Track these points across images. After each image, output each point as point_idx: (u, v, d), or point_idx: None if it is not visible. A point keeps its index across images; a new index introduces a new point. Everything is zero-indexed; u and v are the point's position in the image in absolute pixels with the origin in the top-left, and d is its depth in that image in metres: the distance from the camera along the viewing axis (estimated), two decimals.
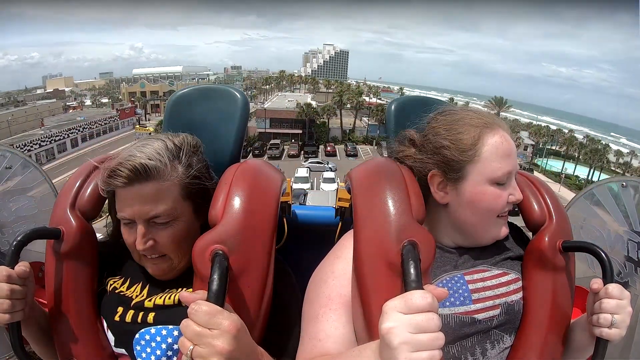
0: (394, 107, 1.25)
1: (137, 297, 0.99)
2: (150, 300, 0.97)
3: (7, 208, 1.32)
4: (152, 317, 0.95)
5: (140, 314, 0.96)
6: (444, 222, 1.01)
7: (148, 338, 0.94)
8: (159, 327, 0.94)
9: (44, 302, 0.99)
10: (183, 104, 1.26)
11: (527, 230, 1.04)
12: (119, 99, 62.05)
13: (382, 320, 0.67)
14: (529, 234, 1.02)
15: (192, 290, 0.87)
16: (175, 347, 0.92)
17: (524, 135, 46.09)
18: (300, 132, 45.41)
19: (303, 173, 29.01)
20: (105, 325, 0.99)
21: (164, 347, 0.93)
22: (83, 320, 0.97)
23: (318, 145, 43.97)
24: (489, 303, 0.92)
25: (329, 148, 41.98)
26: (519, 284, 0.97)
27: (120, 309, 0.97)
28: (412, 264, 0.73)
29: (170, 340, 0.93)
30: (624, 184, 1.24)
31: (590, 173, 39.12)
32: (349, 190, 1.05)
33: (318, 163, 35.01)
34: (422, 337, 0.63)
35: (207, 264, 0.81)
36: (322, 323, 0.90)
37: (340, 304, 0.91)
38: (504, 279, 0.96)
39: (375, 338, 0.73)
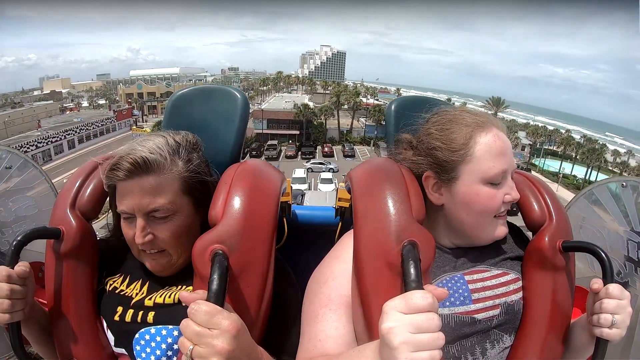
0: (394, 107, 1.25)
1: (137, 295, 0.99)
2: (151, 299, 0.97)
3: (7, 208, 1.32)
4: (151, 316, 0.95)
5: (140, 314, 0.96)
6: (442, 223, 1.01)
7: (148, 338, 0.94)
8: (159, 327, 0.94)
9: (44, 302, 0.99)
10: (183, 104, 1.26)
11: (526, 231, 1.04)
12: (116, 101, 62.09)
13: (382, 320, 0.67)
14: (529, 234, 1.02)
15: (192, 290, 0.87)
16: (175, 347, 0.92)
17: (522, 136, 46.24)
18: (298, 133, 45.29)
19: (300, 174, 29.01)
20: (105, 325, 0.99)
21: (164, 347, 0.93)
22: (83, 320, 0.97)
23: (315, 146, 43.90)
24: (489, 303, 0.93)
25: (327, 149, 41.88)
26: (519, 284, 0.97)
27: (120, 309, 0.97)
28: (412, 264, 0.73)
29: (170, 340, 0.93)
30: (624, 184, 1.24)
31: (588, 173, 39.24)
32: (349, 190, 1.05)
33: (320, 164, 34.99)
34: (422, 337, 0.63)
35: (207, 264, 0.81)
36: (322, 323, 0.90)
37: (340, 305, 0.91)
38: (504, 279, 0.96)
39: (375, 338, 0.73)
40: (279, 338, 0.95)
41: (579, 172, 41.13)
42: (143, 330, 0.94)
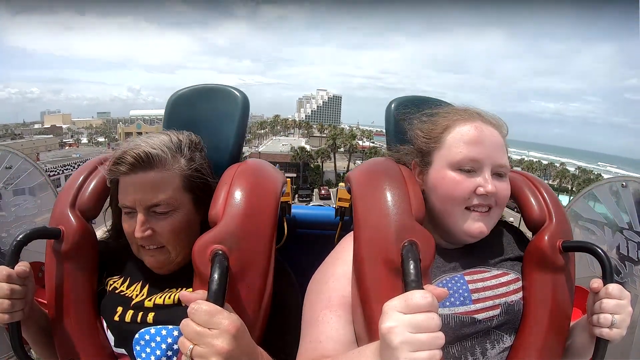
0: (394, 106, 1.24)
1: (137, 296, 0.99)
2: (150, 300, 0.97)
3: (7, 208, 1.32)
4: (151, 317, 0.95)
5: (140, 314, 0.96)
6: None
7: (148, 338, 0.94)
8: (159, 327, 0.94)
9: (44, 302, 0.99)
10: (183, 104, 1.25)
11: (526, 232, 1.04)
12: (115, 139, 62.58)
13: (382, 320, 0.66)
14: (529, 234, 1.02)
15: (192, 290, 0.87)
16: (175, 347, 0.92)
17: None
18: (294, 175, 45.35)
19: None
20: (105, 325, 0.99)
21: (164, 347, 0.93)
22: (83, 320, 0.97)
23: (312, 189, 44.18)
24: (489, 303, 0.92)
25: (323, 191, 42.16)
26: (519, 284, 0.97)
27: (120, 309, 0.97)
28: (412, 264, 0.73)
29: (170, 340, 0.93)
30: (624, 184, 1.24)
31: None
32: (349, 191, 1.05)
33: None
34: (422, 336, 0.63)
35: (207, 264, 0.81)
36: (322, 325, 0.90)
37: (341, 306, 0.91)
38: (504, 279, 0.96)
39: (376, 338, 0.73)
40: (279, 338, 0.95)
41: None
42: (143, 331, 0.94)
